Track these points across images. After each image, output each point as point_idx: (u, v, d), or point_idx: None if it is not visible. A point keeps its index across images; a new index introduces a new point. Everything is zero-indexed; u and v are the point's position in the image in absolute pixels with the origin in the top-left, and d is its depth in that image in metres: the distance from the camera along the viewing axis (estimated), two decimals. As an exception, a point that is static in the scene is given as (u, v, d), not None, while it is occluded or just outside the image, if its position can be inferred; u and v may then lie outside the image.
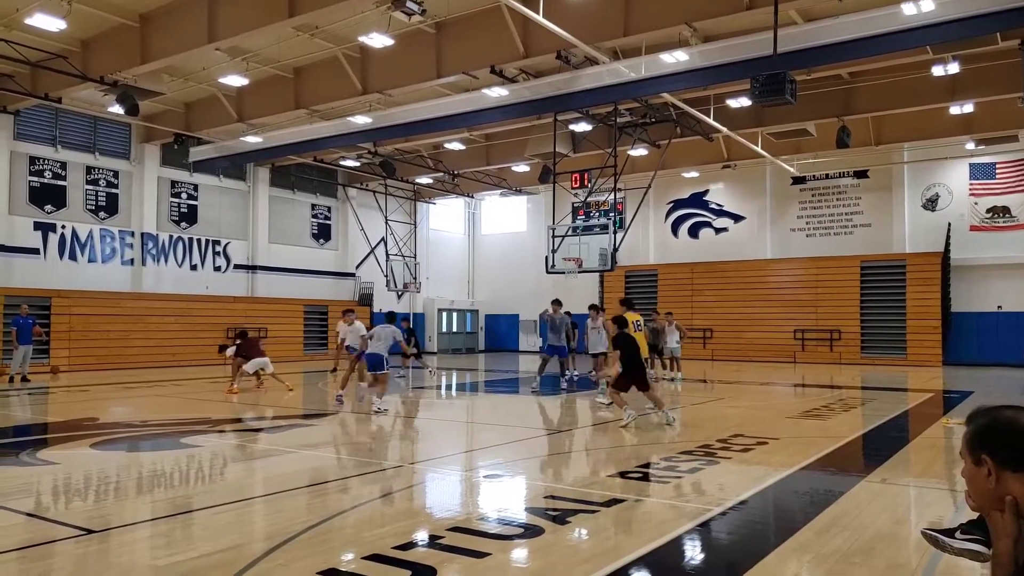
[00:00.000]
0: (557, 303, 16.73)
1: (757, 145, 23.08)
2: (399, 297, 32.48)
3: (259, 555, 4.51)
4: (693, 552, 4.85)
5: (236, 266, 26.79)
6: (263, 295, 26.98)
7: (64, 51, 17.35)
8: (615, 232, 20.01)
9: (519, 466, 7.93)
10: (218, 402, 13.50)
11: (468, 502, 6.40)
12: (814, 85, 19.10)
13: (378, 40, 15.31)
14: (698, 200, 30.22)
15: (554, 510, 5.64)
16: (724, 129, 21.00)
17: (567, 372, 17.87)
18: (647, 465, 7.40)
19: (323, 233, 30.15)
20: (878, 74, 19.14)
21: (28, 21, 14.99)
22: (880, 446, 9.58)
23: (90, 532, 5.08)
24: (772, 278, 27.99)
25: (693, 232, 30.35)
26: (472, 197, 33.94)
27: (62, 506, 6.10)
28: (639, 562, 4.46)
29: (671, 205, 30.74)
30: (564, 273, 20.48)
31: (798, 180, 27.78)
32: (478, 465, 8.02)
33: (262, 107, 20.55)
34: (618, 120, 20.61)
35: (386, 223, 30.92)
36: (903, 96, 19.52)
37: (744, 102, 19.05)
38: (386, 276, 30.59)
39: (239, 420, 11.40)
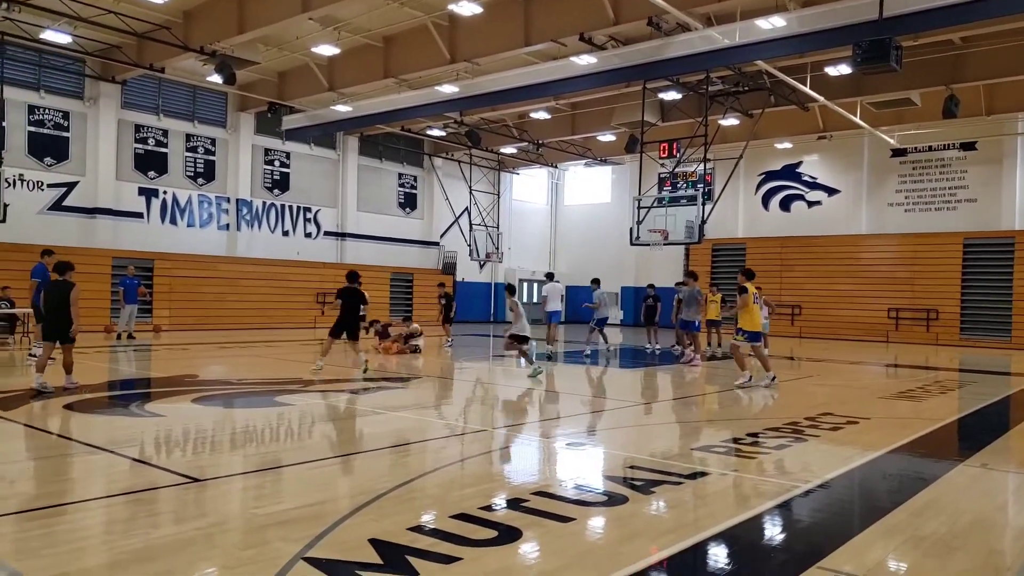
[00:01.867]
0: (692, 276, 16.78)
1: (855, 115, 22.02)
2: (481, 267, 32.77)
3: (350, 510, 4.69)
4: (777, 530, 4.76)
5: (326, 233, 27.58)
6: (351, 261, 27.69)
7: (167, 22, 18.10)
8: (703, 204, 19.50)
9: (603, 436, 7.94)
10: (309, 363, 14.00)
11: (552, 468, 6.46)
12: (921, 51, 18.06)
13: (467, 8, 15.31)
14: (791, 172, 29.16)
15: (638, 480, 5.63)
16: (821, 98, 20.12)
17: (676, 347, 17.75)
18: (733, 440, 7.29)
19: (409, 202, 30.63)
20: (993, 39, 17.89)
21: (136, -7, 15.67)
22: (980, 431, 9.13)
23: (195, 480, 5.38)
24: (866, 254, 26.84)
25: (784, 205, 29.35)
26: (556, 167, 33.77)
27: (168, 455, 6.49)
28: (721, 536, 4.42)
29: (762, 177, 29.77)
30: (649, 245, 20.15)
31: (898, 152, 26.39)
32: (561, 433, 8.07)
33: (352, 76, 20.93)
34: (709, 88, 20.01)
35: (470, 193, 31.13)
36: (1019, 62, 18.20)
37: (844, 70, 18.17)
38: (469, 246, 30.88)
39: (329, 381, 11.80)
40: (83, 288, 10.24)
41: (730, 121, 23.44)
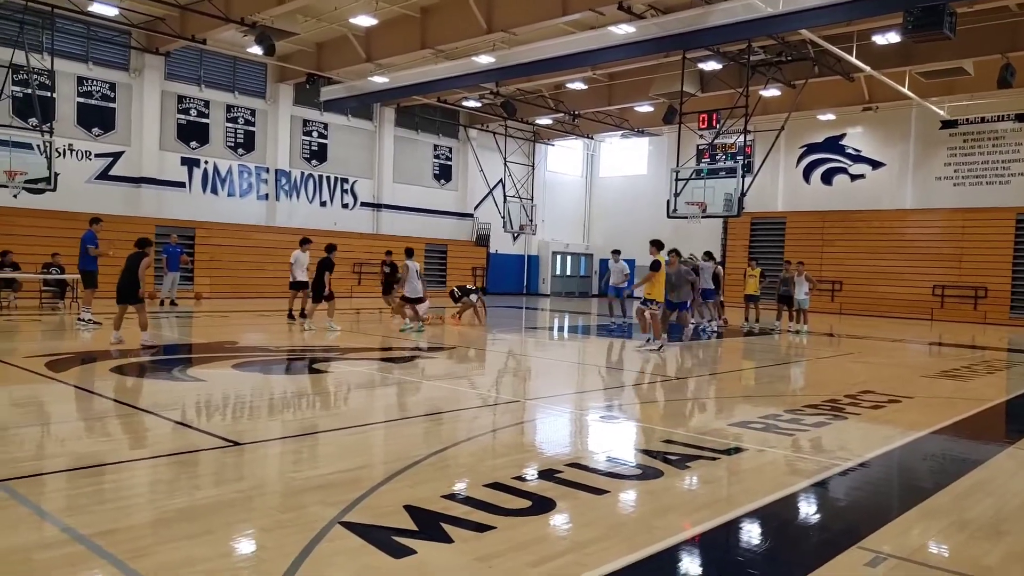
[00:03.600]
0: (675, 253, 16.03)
1: (903, 86, 21.38)
2: (515, 239, 32.70)
3: (386, 476, 4.74)
4: (815, 508, 4.70)
5: (363, 204, 27.74)
6: (387, 232, 27.85)
7: (208, -7, 18.17)
8: (742, 177, 19.15)
9: (637, 409, 7.92)
10: (345, 332, 14.17)
11: (586, 440, 6.47)
12: (976, 18, 17.39)
13: (504, -24, 15.08)
14: (834, 144, 28.45)
15: (673, 454, 5.60)
16: (867, 68, 19.56)
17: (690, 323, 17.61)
18: (770, 416, 7.21)
19: (444, 174, 30.61)
20: (1054, 5, 17.16)
21: (177, -36, 15.74)
22: (1029, 412, 8.89)
23: (235, 444, 5.49)
24: (911, 229, 26.16)
25: (826, 178, 28.69)
26: (591, 138, 33.43)
27: (209, 419, 6.63)
28: (757, 513, 4.38)
29: (804, 149, 29.10)
30: (687, 218, 19.89)
31: (948, 124, 25.58)
32: (595, 405, 8.06)
33: (389, 47, 20.88)
34: (751, 58, 19.54)
35: (505, 164, 30.99)
36: (1082, 29, 17.45)
37: (892, 38, 17.61)
38: (503, 217, 30.82)
39: (364, 349, 11.94)
40: (127, 255, 10.78)
41: (771, 92, 22.92)
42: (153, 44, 21.61)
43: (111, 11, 18.61)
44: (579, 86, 25.08)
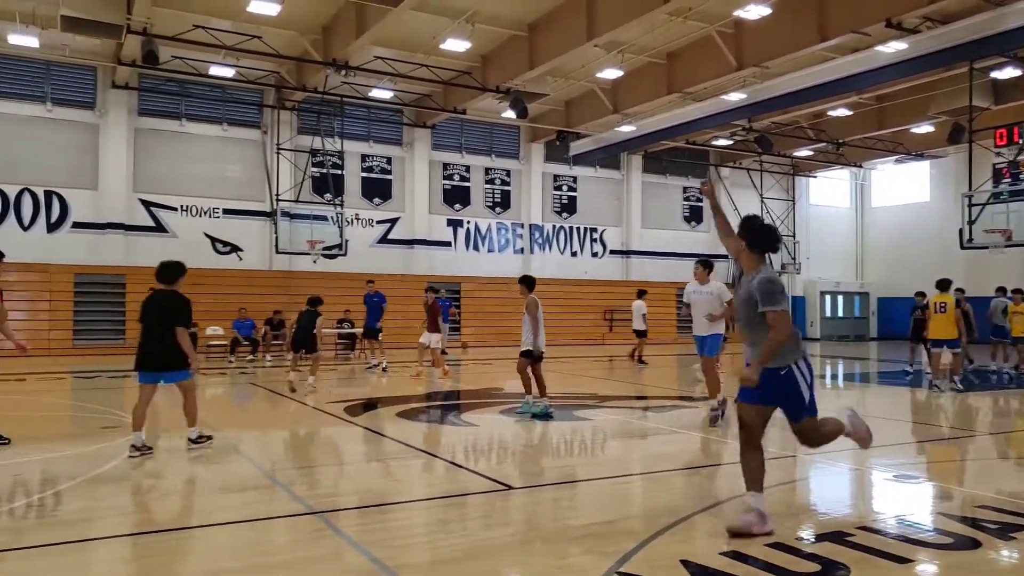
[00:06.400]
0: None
1: None
2: (775, 279, 31.00)
3: (658, 529, 4.60)
4: None
5: (611, 251, 28.10)
6: (636, 278, 27.85)
7: (468, 68, 19.86)
8: (1054, 196, 16.50)
9: (936, 469, 6.97)
10: (601, 380, 14.27)
11: (878, 501, 5.80)
12: None
13: (754, 11, 14.68)
14: None
15: (991, 522, 4.80)
16: None
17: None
18: (1116, 480, 5.95)
19: (694, 215, 30.06)
20: None
21: (442, 46, 17.42)
22: None
23: (508, 488, 5.69)
24: None
25: None
26: (860, 167, 30.96)
27: (484, 462, 6.96)
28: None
29: None
30: (987, 248, 17.43)
31: None
32: (884, 462, 7.22)
33: (636, 96, 21.17)
34: (1056, 59, 16.94)
35: (761, 201, 29.69)
36: None
37: None
38: (761, 258, 29.40)
39: (622, 397, 11.90)
40: (403, 309, 11.73)
41: (1086, 95, 19.60)
42: (421, 119, 24.03)
43: (387, 94, 21.05)
44: (843, 112, 23.46)
